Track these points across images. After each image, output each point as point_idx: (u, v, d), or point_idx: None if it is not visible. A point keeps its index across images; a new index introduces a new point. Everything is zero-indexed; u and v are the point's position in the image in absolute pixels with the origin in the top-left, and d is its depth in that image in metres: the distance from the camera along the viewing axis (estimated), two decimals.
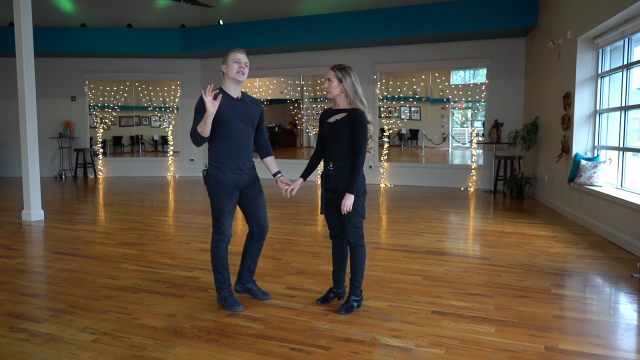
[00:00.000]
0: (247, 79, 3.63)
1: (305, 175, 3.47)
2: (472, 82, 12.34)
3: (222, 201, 3.32)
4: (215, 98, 3.11)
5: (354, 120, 3.21)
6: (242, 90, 3.44)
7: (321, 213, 3.41)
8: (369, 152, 3.35)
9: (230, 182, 3.31)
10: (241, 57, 3.31)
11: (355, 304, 3.38)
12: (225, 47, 11.22)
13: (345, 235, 3.36)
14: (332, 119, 3.33)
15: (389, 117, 11.34)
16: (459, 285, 3.94)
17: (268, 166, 3.58)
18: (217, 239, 3.39)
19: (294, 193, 3.41)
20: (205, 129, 3.14)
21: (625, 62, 5.92)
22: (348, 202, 3.20)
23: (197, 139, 3.21)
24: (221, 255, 3.41)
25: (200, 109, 3.16)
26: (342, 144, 3.26)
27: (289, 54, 11.55)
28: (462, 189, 10.11)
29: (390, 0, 10.17)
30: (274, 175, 3.53)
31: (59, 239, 5.69)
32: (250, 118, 3.38)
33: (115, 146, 14.31)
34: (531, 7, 8.68)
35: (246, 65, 3.32)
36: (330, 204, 3.38)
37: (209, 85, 3.12)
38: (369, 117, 3.29)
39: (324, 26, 10.43)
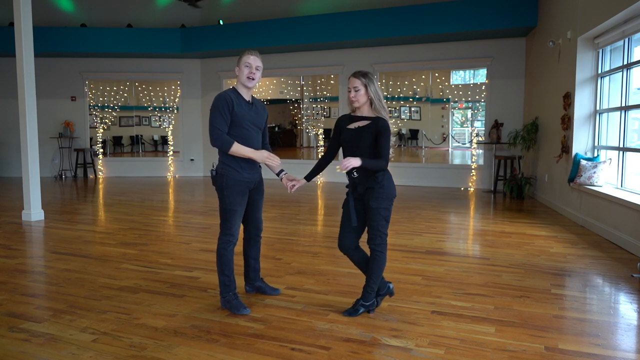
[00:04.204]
0: None
1: (309, 176, 3.43)
2: (472, 82, 12.34)
3: (235, 201, 3.31)
4: (230, 100, 3.23)
5: (380, 131, 3.13)
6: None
7: (353, 224, 3.23)
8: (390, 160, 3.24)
9: (245, 182, 3.34)
10: (253, 60, 3.28)
11: (362, 309, 3.27)
12: (225, 47, 11.42)
13: (368, 238, 3.24)
14: (352, 126, 3.22)
15: (389, 117, 11.34)
16: (459, 285, 3.94)
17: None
18: (226, 240, 3.36)
19: (294, 190, 3.38)
20: (242, 154, 3.26)
21: (625, 62, 5.92)
22: (350, 162, 3.05)
23: (225, 146, 3.22)
24: (229, 258, 3.37)
25: (223, 107, 3.20)
26: (363, 151, 3.14)
27: (289, 54, 11.55)
28: (462, 189, 10.11)
29: (390, 0, 10.17)
30: (278, 174, 3.49)
31: (59, 239, 5.69)
32: (260, 122, 3.42)
33: (115, 146, 14.33)
34: (531, 7, 8.68)
35: (257, 70, 3.30)
36: (358, 215, 3.26)
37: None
38: (391, 125, 3.19)
39: (324, 26, 10.42)
